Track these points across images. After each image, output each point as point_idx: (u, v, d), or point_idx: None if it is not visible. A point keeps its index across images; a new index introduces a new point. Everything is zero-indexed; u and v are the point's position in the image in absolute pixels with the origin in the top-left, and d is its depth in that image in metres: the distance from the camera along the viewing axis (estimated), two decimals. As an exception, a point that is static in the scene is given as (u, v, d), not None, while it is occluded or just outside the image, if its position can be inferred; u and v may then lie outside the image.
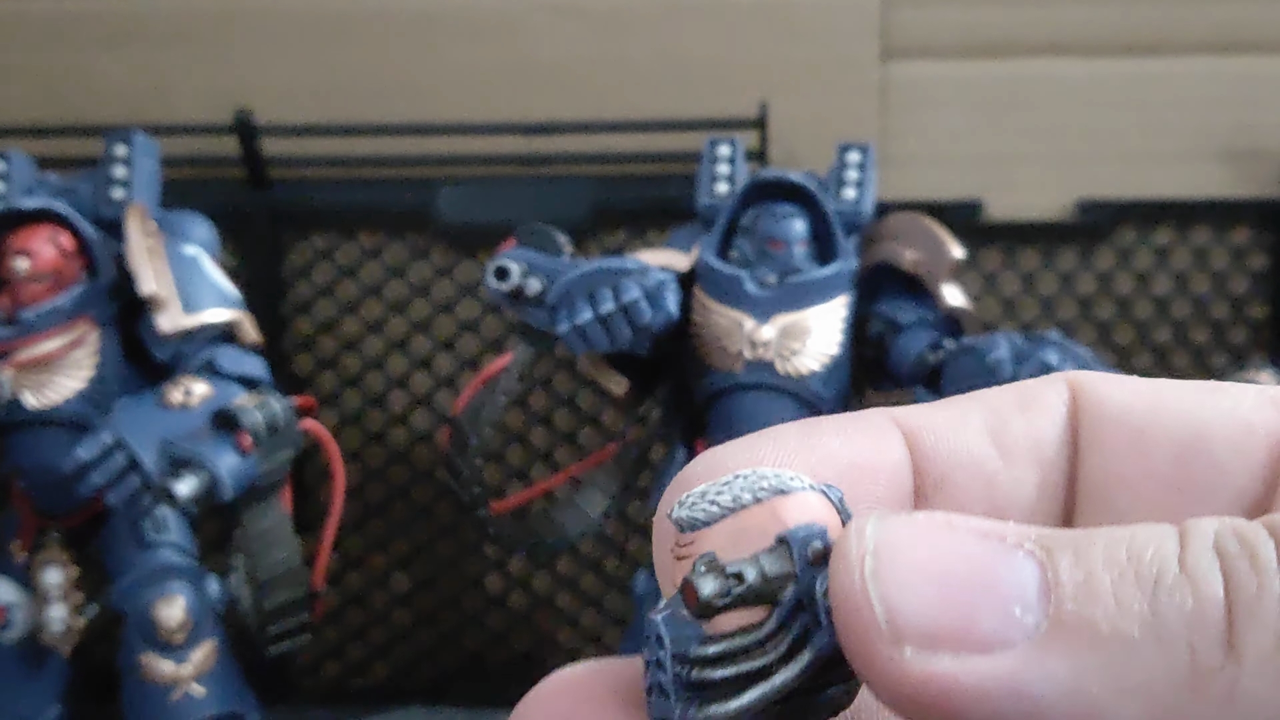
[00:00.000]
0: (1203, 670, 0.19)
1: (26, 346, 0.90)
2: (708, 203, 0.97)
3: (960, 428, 0.25)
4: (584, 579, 1.18)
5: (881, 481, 0.25)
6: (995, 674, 0.19)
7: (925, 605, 0.20)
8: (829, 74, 1.14)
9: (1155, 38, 1.14)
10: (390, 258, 1.17)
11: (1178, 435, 0.24)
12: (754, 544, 0.21)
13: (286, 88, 1.15)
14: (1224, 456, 0.23)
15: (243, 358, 0.94)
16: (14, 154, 0.96)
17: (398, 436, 1.18)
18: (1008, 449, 0.25)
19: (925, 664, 0.20)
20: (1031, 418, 0.25)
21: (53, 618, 0.92)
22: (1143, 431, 0.24)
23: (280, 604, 0.94)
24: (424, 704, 1.08)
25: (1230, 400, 0.24)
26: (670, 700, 0.21)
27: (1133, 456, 0.24)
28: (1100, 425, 0.25)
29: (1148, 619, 0.19)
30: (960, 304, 0.95)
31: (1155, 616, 0.20)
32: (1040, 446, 0.25)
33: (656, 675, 0.22)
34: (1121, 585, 0.20)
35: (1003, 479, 0.25)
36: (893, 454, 0.25)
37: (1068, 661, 0.19)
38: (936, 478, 0.25)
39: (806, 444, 0.25)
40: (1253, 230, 1.16)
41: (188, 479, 0.87)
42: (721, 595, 0.21)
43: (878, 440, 0.25)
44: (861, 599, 0.20)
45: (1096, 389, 0.25)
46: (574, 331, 0.89)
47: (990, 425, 0.25)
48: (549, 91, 1.15)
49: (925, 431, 0.25)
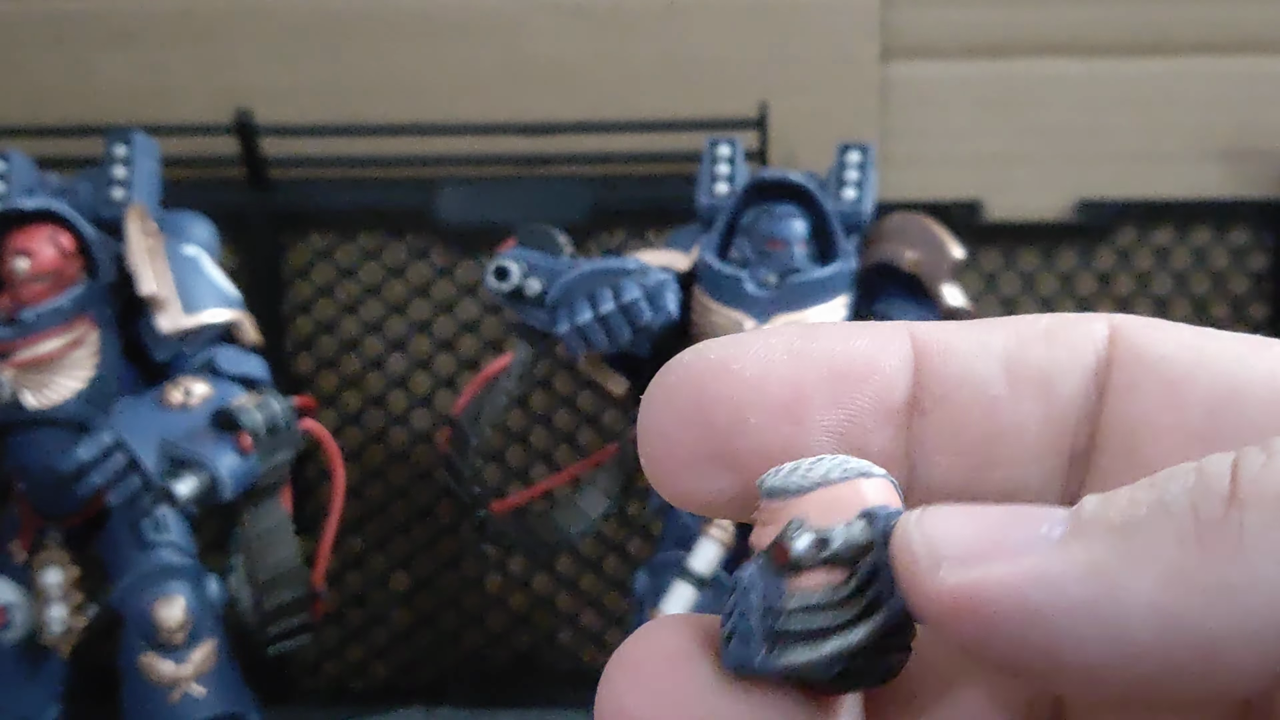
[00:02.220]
0: (1206, 524, 0.20)
1: (26, 346, 0.90)
2: (708, 203, 0.97)
3: (974, 348, 0.25)
4: (584, 579, 1.18)
5: (870, 392, 0.25)
6: (1020, 569, 0.21)
7: (960, 534, 0.21)
8: (829, 74, 1.14)
9: (1155, 38, 1.14)
10: (390, 258, 1.17)
11: (1215, 389, 0.24)
12: (840, 516, 0.23)
13: (286, 88, 1.15)
14: (1257, 415, 0.23)
15: (243, 358, 0.95)
16: (14, 154, 0.96)
17: (398, 436, 1.18)
18: (1017, 376, 0.25)
19: (958, 575, 0.21)
20: (1054, 349, 0.25)
21: (53, 618, 0.92)
22: (1180, 382, 0.24)
23: (280, 604, 0.94)
24: (424, 704, 1.08)
25: (1272, 359, 0.24)
26: (750, 647, 0.23)
27: (1166, 406, 0.24)
28: (1136, 370, 0.25)
29: (1154, 499, 0.21)
30: (960, 304, 0.95)
31: (1162, 494, 0.21)
32: (1053, 380, 0.25)
33: (739, 623, 0.23)
34: (1136, 489, 0.21)
35: (1005, 405, 0.25)
36: (890, 361, 0.25)
37: (1085, 549, 0.21)
38: (938, 394, 0.25)
39: (798, 345, 0.25)
40: (1253, 230, 1.16)
41: (188, 479, 0.87)
42: (811, 555, 0.23)
43: (880, 347, 0.25)
44: (909, 539, 0.22)
45: (1138, 333, 0.25)
46: (574, 331, 0.89)
47: (1008, 350, 0.25)
48: (549, 91, 1.15)
49: (937, 345, 0.25)
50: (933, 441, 0.25)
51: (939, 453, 0.25)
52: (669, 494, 0.25)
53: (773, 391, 0.25)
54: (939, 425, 0.25)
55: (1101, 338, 0.25)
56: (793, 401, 0.25)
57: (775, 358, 0.25)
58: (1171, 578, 0.20)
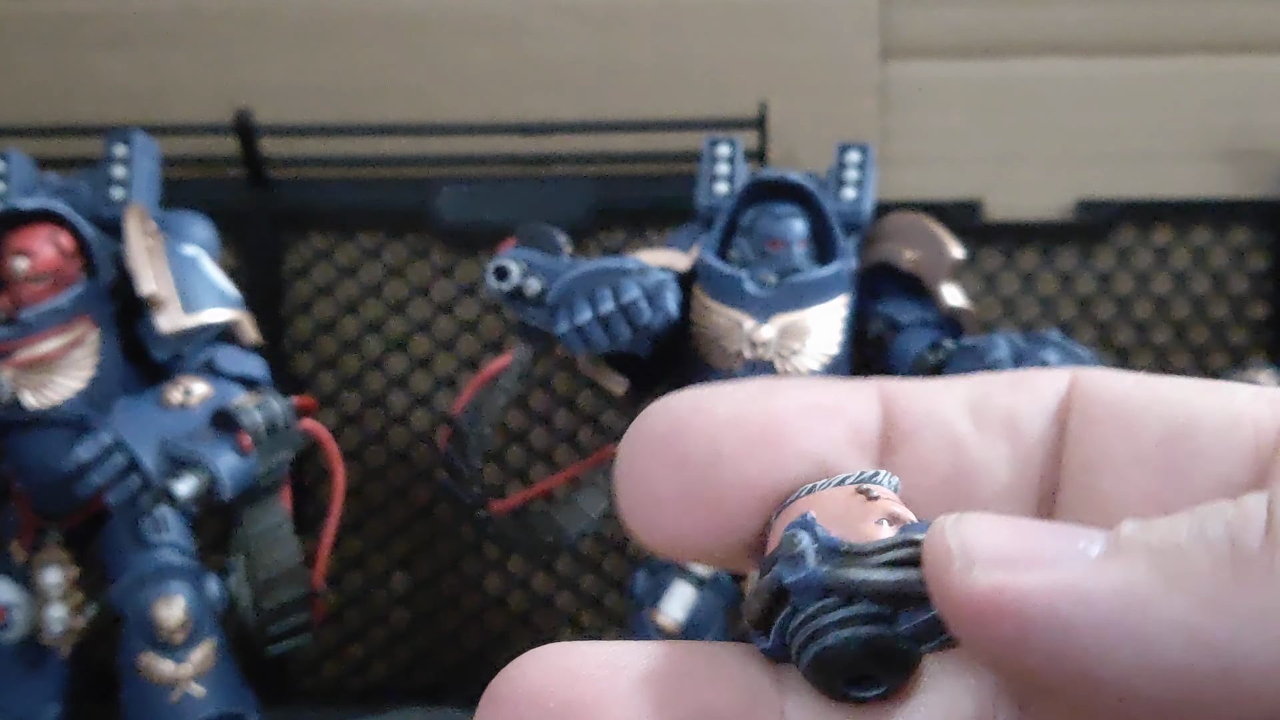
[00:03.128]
0: (1242, 554, 0.21)
1: (26, 346, 0.90)
2: (707, 203, 0.97)
3: (939, 392, 0.26)
4: (584, 579, 1.18)
5: (842, 423, 0.25)
6: (1054, 580, 0.21)
7: (996, 541, 0.22)
8: (829, 74, 1.14)
9: (1155, 38, 1.14)
10: (390, 258, 1.17)
11: (1168, 421, 0.24)
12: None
13: (286, 88, 1.15)
14: (1210, 444, 0.24)
15: (242, 358, 0.95)
16: (14, 154, 0.96)
17: (398, 436, 1.18)
18: (983, 418, 0.26)
19: (990, 578, 0.21)
20: (1018, 394, 0.26)
21: (52, 618, 0.92)
22: (1134, 417, 0.25)
23: (280, 604, 0.94)
24: (424, 704, 1.08)
25: (1224, 395, 0.25)
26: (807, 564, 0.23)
27: (1122, 440, 0.25)
28: (1093, 408, 0.25)
29: (1194, 528, 0.21)
30: (960, 304, 0.95)
31: (1202, 524, 0.21)
32: (1019, 420, 0.26)
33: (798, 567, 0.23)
34: (1176, 518, 0.22)
35: (973, 445, 0.26)
36: (859, 401, 0.26)
37: (1122, 568, 0.21)
38: (905, 430, 0.26)
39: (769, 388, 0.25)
40: (1253, 230, 1.16)
41: (187, 479, 0.87)
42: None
43: (848, 391, 0.26)
44: (944, 539, 0.22)
45: (1096, 377, 0.26)
46: (574, 331, 0.89)
47: (973, 396, 0.26)
48: (549, 91, 1.15)
49: (902, 391, 0.26)
50: (903, 478, 0.25)
51: (910, 489, 0.25)
52: (649, 539, 0.25)
53: (747, 422, 0.25)
54: (908, 462, 0.26)
55: (1063, 383, 0.26)
56: (768, 429, 0.25)
57: (747, 397, 0.25)
58: (1204, 602, 0.20)
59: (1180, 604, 0.21)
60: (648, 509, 0.25)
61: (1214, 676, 0.20)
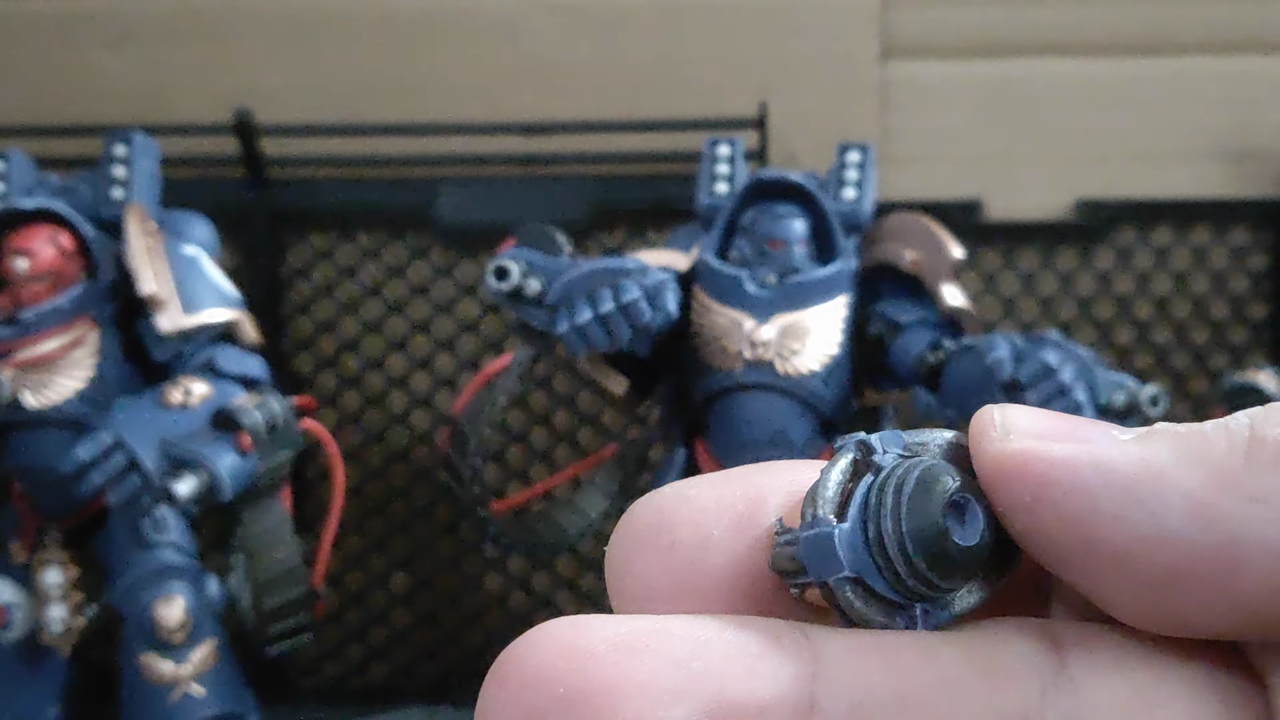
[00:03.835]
0: (1259, 439, 0.22)
1: (26, 346, 0.90)
2: (707, 203, 0.97)
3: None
4: (584, 579, 1.18)
5: None
6: (1080, 450, 0.23)
7: (1037, 421, 0.23)
8: (829, 74, 1.14)
9: (1155, 38, 1.14)
10: (390, 258, 1.17)
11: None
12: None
13: (286, 88, 1.15)
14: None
15: (242, 358, 0.94)
16: (14, 154, 0.96)
17: (398, 436, 1.18)
18: None
19: (1024, 443, 0.23)
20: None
21: (52, 618, 0.92)
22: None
23: (280, 604, 0.94)
24: (424, 704, 1.08)
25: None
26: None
27: None
28: None
29: (1223, 420, 0.23)
30: (960, 304, 0.95)
31: (1228, 419, 0.23)
32: None
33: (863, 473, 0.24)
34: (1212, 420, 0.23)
35: None
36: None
37: (1145, 447, 0.23)
38: None
39: (748, 472, 0.25)
40: (1253, 230, 1.16)
41: (188, 479, 0.87)
42: None
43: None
44: (990, 414, 0.24)
45: None
46: (574, 331, 0.89)
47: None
48: (549, 91, 1.15)
49: None
50: None
51: None
52: None
53: (731, 504, 0.24)
54: None
55: None
56: (754, 507, 0.24)
57: (729, 482, 0.25)
58: (1214, 479, 0.22)
59: (1192, 478, 0.22)
60: (640, 602, 0.24)
61: (1214, 551, 0.22)
